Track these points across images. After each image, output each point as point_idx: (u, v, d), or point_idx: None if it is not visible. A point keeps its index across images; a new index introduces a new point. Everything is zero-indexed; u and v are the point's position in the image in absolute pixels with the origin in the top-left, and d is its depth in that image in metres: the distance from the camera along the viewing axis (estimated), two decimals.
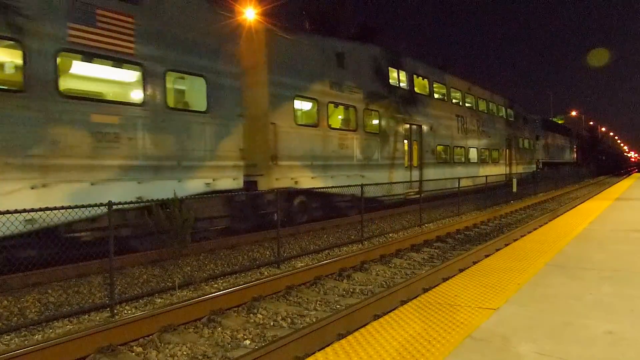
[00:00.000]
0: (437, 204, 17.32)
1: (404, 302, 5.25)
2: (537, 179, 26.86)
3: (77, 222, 7.36)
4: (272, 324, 5.52)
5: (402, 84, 17.63)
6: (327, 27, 17.77)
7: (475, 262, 7.00)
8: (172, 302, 6.03)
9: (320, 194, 13.09)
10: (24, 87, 7.23)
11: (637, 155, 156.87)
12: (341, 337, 4.37)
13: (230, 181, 10.46)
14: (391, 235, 11.94)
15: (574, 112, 72.48)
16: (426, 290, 5.44)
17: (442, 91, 20.92)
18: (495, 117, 26.79)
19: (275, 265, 8.47)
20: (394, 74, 17.17)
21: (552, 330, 3.26)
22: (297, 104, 12.92)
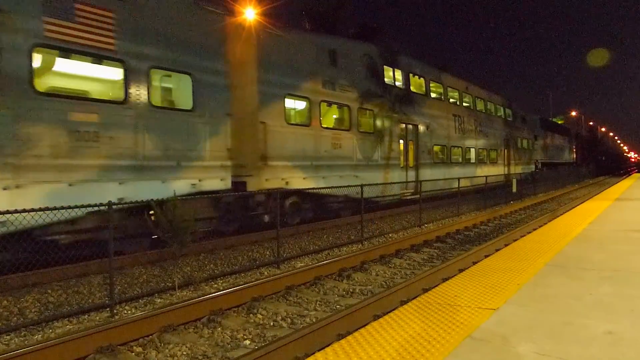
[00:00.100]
0: (436, 205, 17.28)
1: (404, 303, 5.26)
2: (536, 180, 26.78)
3: (55, 225, 6.91)
4: (272, 324, 5.52)
5: (397, 83, 17.41)
6: (326, 27, 17.73)
7: (475, 263, 7.00)
8: (172, 302, 6.03)
9: (312, 195, 12.86)
10: None
11: (637, 155, 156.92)
12: (341, 337, 4.37)
13: (217, 182, 10.17)
14: (391, 235, 11.95)
15: (574, 112, 72.49)
16: (426, 290, 5.44)
17: (439, 90, 20.71)
18: (493, 116, 26.62)
19: (275, 265, 8.47)
20: (389, 72, 16.96)
21: (552, 330, 3.26)
22: (288, 102, 12.68)
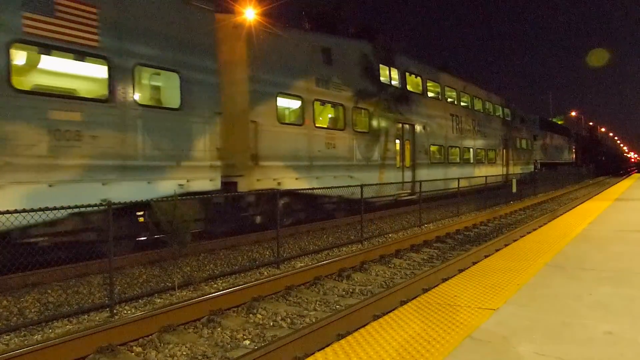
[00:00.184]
0: (436, 205, 17.26)
1: (404, 303, 5.25)
2: (536, 180, 26.73)
3: (34, 227, 6.66)
4: (271, 324, 5.52)
5: (393, 82, 17.17)
6: (326, 27, 17.68)
7: (474, 263, 7.01)
8: (172, 302, 6.03)
9: (306, 196, 12.56)
10: None
11: (637, 155, 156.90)
12: (341, 337, 4.36)
13: (206, 182, 9.84)
14: (391, 235, 11.95)
15: (574, 113, 72.57)
16: (426, 290, 5.43)
17: (436, 90, 20.47)
18: (491, 116, 26.45)
19: (274, 265, 8.47)
20: (385, 71, 16.69)
21: (552, 330, 3.26)
22: (280, 101, 12.42)
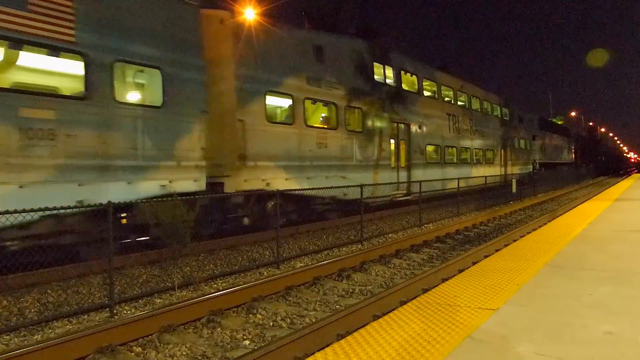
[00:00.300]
0: (436, 205, 17.26)
1: (404, 303, 5.25)
2: (534, 180, 26.63)
3: (3, 230, 6.39)
4: (271, 324, 5.52)
5: (388, 80, 16.90)
6: (327, 28, 17.68)
7: (474, 263, 7.01)
8: (172, 302, 6.03)
9: (296, 196, 12.16)
10: None
11: (636, 155, 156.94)
12: (340, 337, 4.36)
13: (190, 183, 9.50)
14: (390, 235, 11.95)
15: (574, 113, 72.64)
16: (426, 290, 5.43)
17: (432, 89, 20.24)
18: (489, 116, 26.24)
19: (274, 265, 8.48)
20: (379, 69, 16.40)
21: (552, 330, 3.26)
22: (270, 99, 12.08)
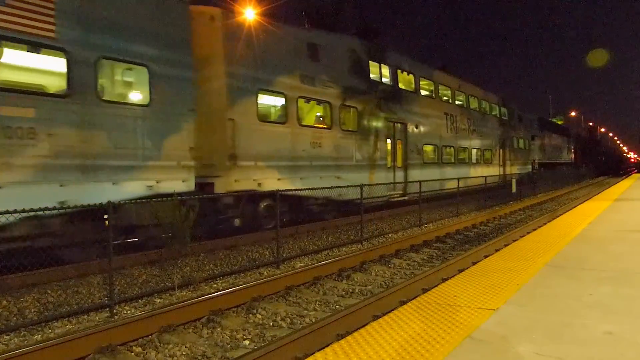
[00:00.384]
0: (436, 205, 17.24)
1: (404, 303, 5.25)
2: (534, 180, 26.55)
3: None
4: (271, 324, 5.52)
5: (384, 79, 16.71)
6: (327, 28, 17.69)
7: (474, 263, 7.00)
8: (172, 302, 6.02)
9: (289, 197, 11.74)
10: None
11: (636, 155, 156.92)
12: (340, 337, 4.36)
13: (178, 183, 9.26)
14: (390, 235, 11.95)
15: (574, 113, 72.70)
16: (425, 290, 5.43)
17: (429, 88, 20.04)
18: (488, 115, 26.05)
19: (274, 265, 8.47)
20: (375, 68, 16.18)
21: (552, 330, 3.26)
22: (262, 98, 11.85)
